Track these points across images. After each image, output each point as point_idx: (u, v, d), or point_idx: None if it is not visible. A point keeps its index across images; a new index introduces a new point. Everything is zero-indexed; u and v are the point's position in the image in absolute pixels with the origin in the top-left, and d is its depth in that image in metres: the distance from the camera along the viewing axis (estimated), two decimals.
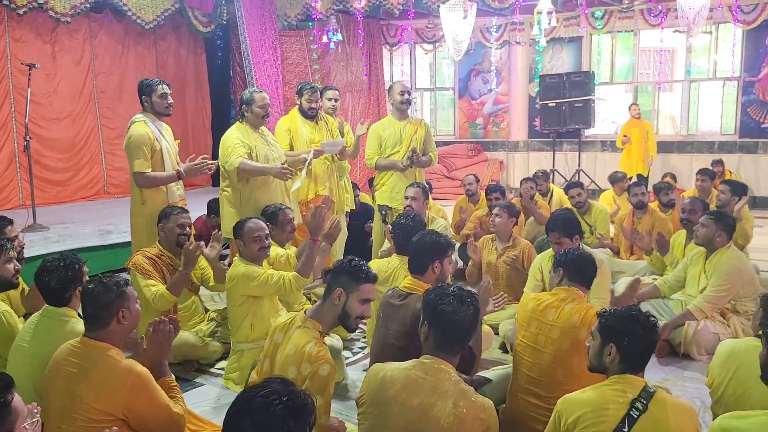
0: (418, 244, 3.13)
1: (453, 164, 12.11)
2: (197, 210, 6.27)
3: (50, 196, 8.63)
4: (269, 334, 2.72)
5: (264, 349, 2.70)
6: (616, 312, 2.32)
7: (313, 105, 5.45)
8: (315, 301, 4.60)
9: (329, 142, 5.31)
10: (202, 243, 3.94)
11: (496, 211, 4.86)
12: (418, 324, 2.45)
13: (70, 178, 9.02)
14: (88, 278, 2.76)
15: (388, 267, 3.76)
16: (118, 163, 9.33)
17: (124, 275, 2.71)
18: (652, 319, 2.29)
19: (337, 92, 6.15)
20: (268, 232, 3.86)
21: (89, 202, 8.94)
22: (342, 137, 5.79)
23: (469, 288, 2.53)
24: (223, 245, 5.82)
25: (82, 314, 2.54)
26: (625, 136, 9.90)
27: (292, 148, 5.40)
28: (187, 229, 4.11)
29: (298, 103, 5.53)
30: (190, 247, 3.82)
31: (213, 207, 6.18)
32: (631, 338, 2.23)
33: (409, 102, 5.62)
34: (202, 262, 4.35)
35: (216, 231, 4.46)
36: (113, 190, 9.45)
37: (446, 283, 2.77)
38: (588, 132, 11.69)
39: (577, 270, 2.97)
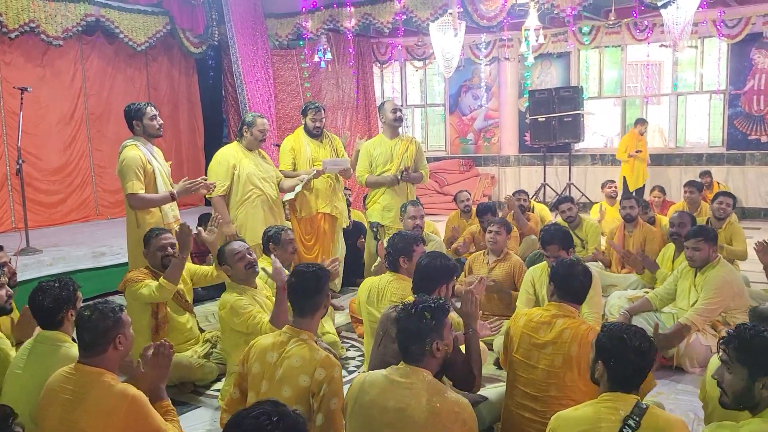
0: (428, 268, 3.11)
1: (445, 180, 12.17)
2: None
3: (42, 219, 8.62)
4: (255, 356, 2.70)
5: (253, 373, 2.68)
6: (612, 329, 2.30)
7: (318, 124, 5.53)
8: None
9: (331, 161, 5.37)
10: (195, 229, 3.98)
11: (494, 228, 4.87)
12: None
13: (61, 201, 9.01)
14: (82, 304, 2.77)
15: (380, 283, 3.76)
16: (109, 184, 9.34)
17: (118, 301, 2.70)
18: (645, 345, 2.22)
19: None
20: (248, 246, 3.88)
21: (81, 224, 8.93)
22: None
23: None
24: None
25: (77, 340, 2.54)
26: (638, 150, 9.89)
27: (295, 167, 5.47)
28: (170, 249, 4.08)
29: (303, 122, 5.61)
30: (180, 230, 3.88)
31: (205, 220, 6.13)
32: (618, 360, 2.20)
33: (401, 119, 5.67)
34: (194, 267, 4.40)
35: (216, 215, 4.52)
36: (105, 211, 9.46)
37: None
38: (578, 146, 11.79)
39: (567, 288, 2.97)
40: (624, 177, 10.14)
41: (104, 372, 2.47)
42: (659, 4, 6.77)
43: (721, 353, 2.16)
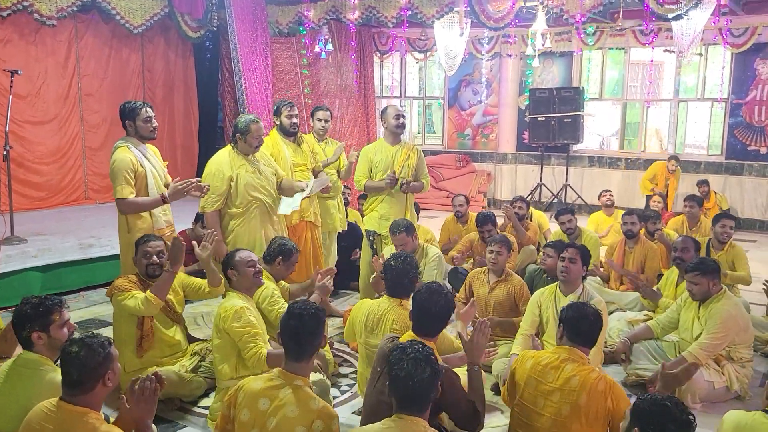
0: (434, 311, 2.96)
1: (441, 175, 12.05)
2: (182, 223, 6.12)
3: (29, 202, 8.42)
4: (244, 401, 2.55)
5: (242, 420, 2.53)
6: (653, 397, 2.22)
7: (295, 120, 5.32)
8: None
9: (317, 182, 5.18)
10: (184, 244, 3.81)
11: (495, 248, 4.71)
12: None
13: (51, 183, 8.82)
14: (68, 339, 2.60)
15: (379, 309, 3.59)
16: (100, 167, 9.14)
17: (106, 335, 2.54)
18: (687, 417, 2.14)
19: (328, 112, 6.01)
20: (257, 258, 3.75)
21: (69, 208, 8.74)
22: (342, 155, 5.85)
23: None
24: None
25: (62, 377, 2.39)
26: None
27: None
28: (155, 257, 3.89)
29: (278, 123, 5.38)
30: (173, 243, 3.72)
31: (201, 218, 5.96)
32: (657, 429, 2.12)
33: (403, 126, 5.48)
34: (187, 279, 4.22)
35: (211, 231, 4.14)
36: (94, 195, 9.26)
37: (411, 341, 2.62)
38: (576, 147, 11.69)
39: (578, 331, 2.87)
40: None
41: (88, 411, 2.33)
42: (670, 16, 6.63)
43: None
